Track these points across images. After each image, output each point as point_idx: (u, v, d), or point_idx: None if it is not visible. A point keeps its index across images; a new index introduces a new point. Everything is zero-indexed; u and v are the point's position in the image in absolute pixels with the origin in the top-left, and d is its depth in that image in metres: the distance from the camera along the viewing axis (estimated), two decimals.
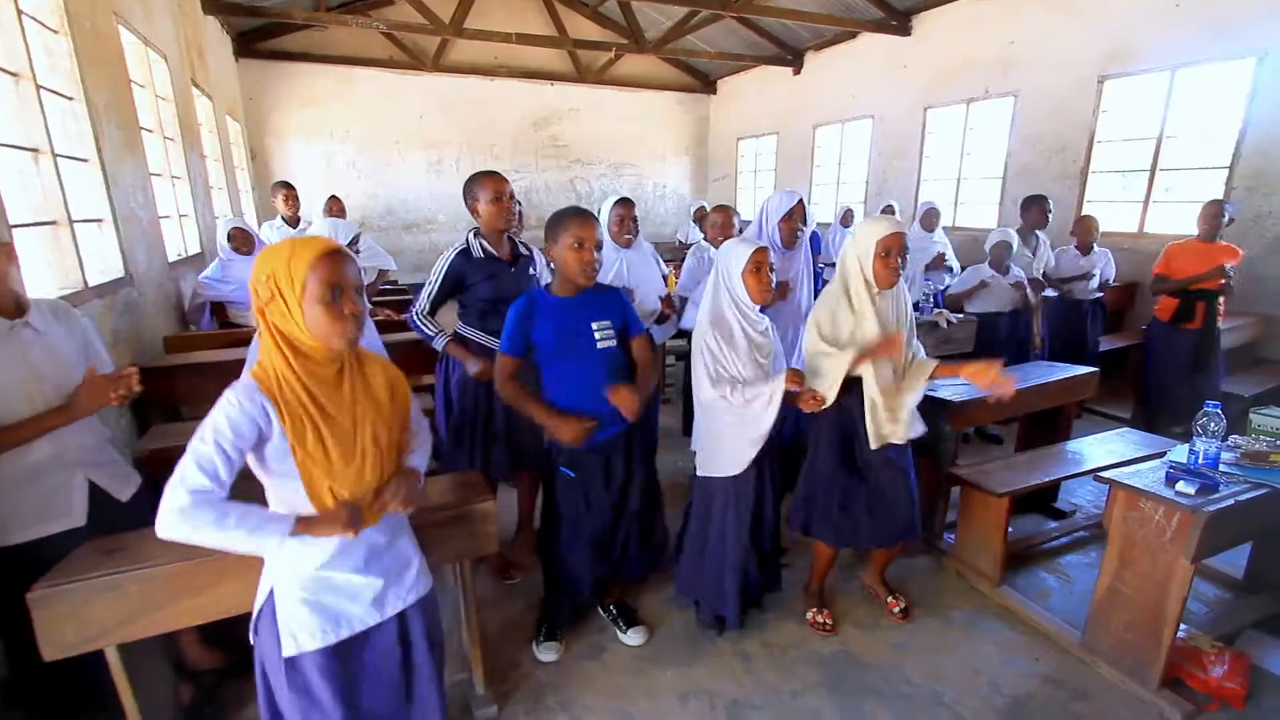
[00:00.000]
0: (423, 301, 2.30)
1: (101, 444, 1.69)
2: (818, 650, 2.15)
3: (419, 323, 2.31)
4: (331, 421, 1.20)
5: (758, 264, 1.93)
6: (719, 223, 3.07)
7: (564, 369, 1.90)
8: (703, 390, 1.99)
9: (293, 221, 4.24)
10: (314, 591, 1.24)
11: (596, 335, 1.90)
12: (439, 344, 2.29)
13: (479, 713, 1.86)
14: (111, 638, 1.37)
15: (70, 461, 1.58)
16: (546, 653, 2.12)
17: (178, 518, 1.09)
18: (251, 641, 1.29)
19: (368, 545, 1.29)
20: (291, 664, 1.24)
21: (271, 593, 1.26)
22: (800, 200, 2.49)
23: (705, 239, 3.23)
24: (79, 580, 1.33)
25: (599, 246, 1.84)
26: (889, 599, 2.35)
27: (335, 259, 1.15)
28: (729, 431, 2.00)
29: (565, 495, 1.98)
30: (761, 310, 2.02)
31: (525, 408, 1.89)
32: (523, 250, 2.42)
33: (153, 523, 1.12)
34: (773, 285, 1.97)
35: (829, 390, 1.99)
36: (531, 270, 2.41)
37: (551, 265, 1.94)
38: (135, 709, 1.44)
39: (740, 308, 1.97)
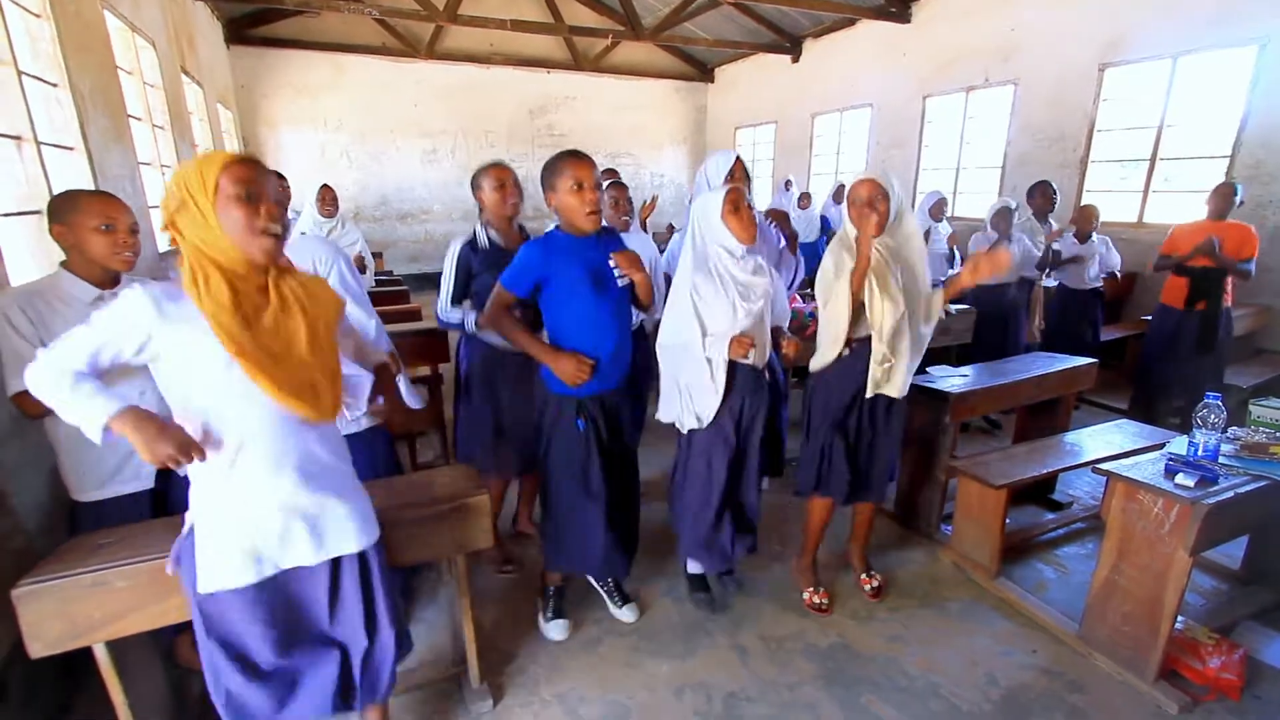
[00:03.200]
0: (443, 299, 2.27)
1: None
2: (814, 642, 2.14)
3: (444, 317, 2.27)
4: (261, 323, 1.14)
5: (734, 203, 1.89)
6: None
7: (593, 311, 1.84)
8: (676, 336, 1.97)
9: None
10: (234, 528, 1.19)
11: (616, 274, 1.86)
12: (470, 322, 2.23)
13: (474, 706, 1.85)
14: (99, 634, 1.35)
15: None
16: (555, 630, 2.13)
17: (31, 381, 1.09)
18: (169, 573, 1.27)
19: (292, 483, 1.22)
20: (208, 600, 1.21)
21: (192, 528, 1.22)
22: (738, 158, 2.42)
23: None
24: (65, 576, 1.31)
25: (599, 185, 1.80)
26: (863, 575, 2.39)
27: (250, 165, 1.11)
28: (694, 383, 1.97)
29: (576, 450, 1.93)
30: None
31: (519, 339, 1.84)
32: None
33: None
34: (755, 220, 1.93)
35: (842, 329, 2.01)
36: None
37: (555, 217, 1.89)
38: (125, 705, 1.42)
39: (726, 252, 1.92)
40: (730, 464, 2.07)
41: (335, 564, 1.31)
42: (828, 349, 2.11)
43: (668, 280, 2.97)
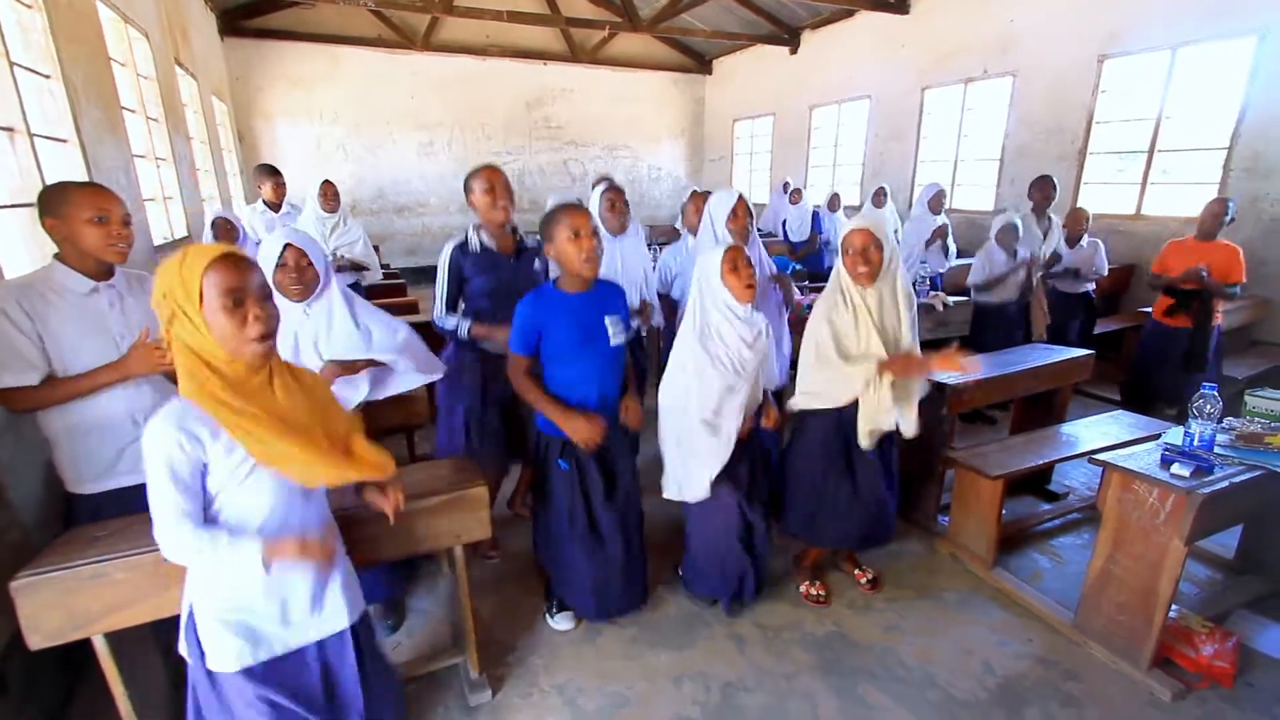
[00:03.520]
0: (439, 305, 2.29)
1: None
2: (811, 632, 2.15)
3: (441, 324, 2.29)
4: (276, 417, 1.15)
5: (733, 262, 1.89)
6: (699, 206, 3.00)
7: (575, 367, 1.89)
8: (674, 400, 1.98)
9: (275, 207, 4.15)
10: (231, 612, 1.21)
11: (610, 331, 1.89)
12: (464, 330, 2.26)
13: (473, 697, 1.86)
14: (98, 626, 1.35)
15: (141, 421, 1.62)
16: (562, 622, 2.16)
17: (177, 554, 1.14)
18: (181, 652, 1.27)
19: (290, 568, 1.23)
20: (215, 678, 1.22)
21: (191, 610, 1.23)
22: (740, 196, 2.48)
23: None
24: (64, 568, 1.31)
25: (595, 233, 1.82)
26: (855, 571, 2.41)
27: (229, 264, 1.09)
28: (692, 458, 1.98)
29: (561, 490, 1.98)
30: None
31: (539, 404, 1.89)
32: (527, 244, 2.37)
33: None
34: (754, 279, 1.91)
35: (829, 398, 2.03)
36: (536, 264, 2.36)
37: (552, 264, 1.93)
38: (125, 696, 1.43)
39: (730, 313, 1.91)
40: (737, 522, 2.09)
41: (322, 644, 1.32)
42: (810, 399, 2.09)
43: (662, 299, 2.99)
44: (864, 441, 2.04)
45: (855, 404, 2.03)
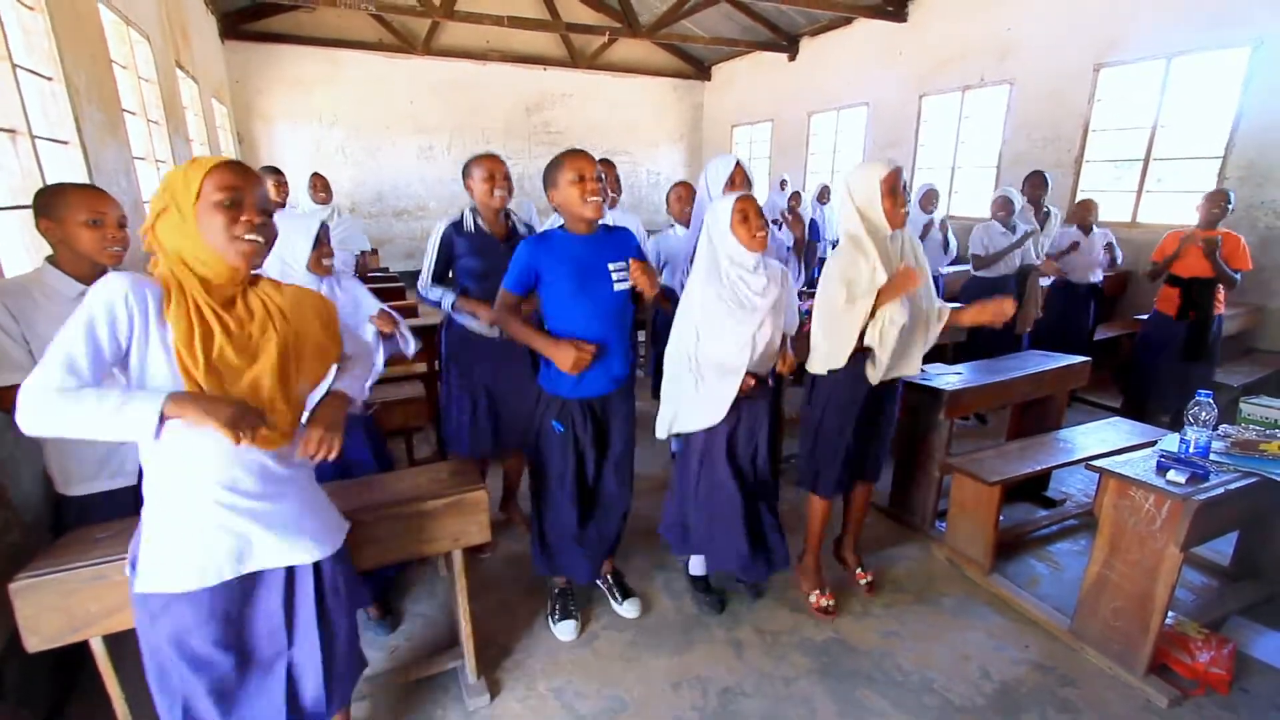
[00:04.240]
0: (424, 276, 2.35)
1: None
2: (810, 637, 2.16)
3: (425, 294, 2.35)
4: (226, 325, 1.10)
5: (742, 212, 1.85)
6: (682, 195, 3.02)
7: (575, 310, 1.84)
8: (685, 349, 1.96)
9: (279, 208, 4.17)
10: (180, 532, 1.12)
11: (614, 277, 1.86)
12: (448, 303, 2.30)
13: (471, 701, 1.86)
14: (97, 628, 1.35)
15: None
16: (564, 631, 2.13)
17: (33, 416, 0.96)
18: (126, 574, 1.19)
19: (244, 489, 1.15)
20: (148, 601, 1.14)
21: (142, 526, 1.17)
22: (738, 162, 2.42)
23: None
24: (63, 570, 1.31)
25: (600, 178, 1.79)
26: (857, 570, 2.41)
27: (235, 168, 1.08)
28: (700, 390, 1.96)
29: (554, 451, 1.96)
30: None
31: (521, 334, 1.85)
32: (521, 230, 2.40)
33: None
34: (764, 228, 1.86)
35: (843, 350, 2.01)
36: None
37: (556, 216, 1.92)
38: (121, 699, 1.42)
39: (735, 265, 1.88)
40: (739, 466, 2.05)
41: (290, 576, 1.25)
42: (829, 358, 2.07)
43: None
44: (874, 379, 2.05)
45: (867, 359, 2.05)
